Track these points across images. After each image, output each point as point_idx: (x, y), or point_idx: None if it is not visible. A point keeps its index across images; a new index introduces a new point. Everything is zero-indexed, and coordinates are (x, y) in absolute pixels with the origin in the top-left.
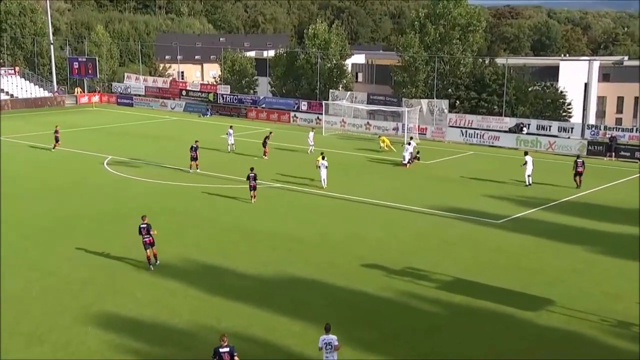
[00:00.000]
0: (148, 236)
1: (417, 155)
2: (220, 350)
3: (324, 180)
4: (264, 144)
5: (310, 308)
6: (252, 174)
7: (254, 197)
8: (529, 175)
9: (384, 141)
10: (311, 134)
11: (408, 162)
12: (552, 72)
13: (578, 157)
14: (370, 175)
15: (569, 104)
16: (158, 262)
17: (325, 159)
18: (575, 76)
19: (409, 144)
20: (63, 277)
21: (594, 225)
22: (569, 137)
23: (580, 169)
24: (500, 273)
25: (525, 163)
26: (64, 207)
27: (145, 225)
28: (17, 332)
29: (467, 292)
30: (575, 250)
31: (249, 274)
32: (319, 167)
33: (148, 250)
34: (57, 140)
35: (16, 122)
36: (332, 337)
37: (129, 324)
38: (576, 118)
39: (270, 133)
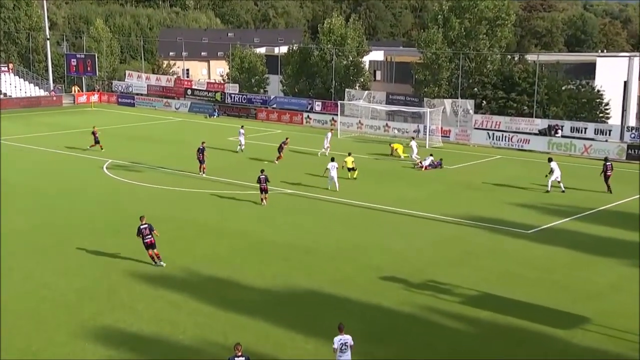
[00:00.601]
0: (150, 237)
1: (441, 162)
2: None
3: (335, 180)
4: (280, 149)
5: (324, 323)
6: (263, 176)
7: (265, 199)
8: (559, 181)
9: (392, 149)
10: (329, 134)
11: (429, 165)
12: (588, 70)
13: (606, 159)
14: (389, 181)
15: (607, 104)
16: (163, 262)
17: (335, 160)
18: (613, 74)
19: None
20: (59, 289)
21: (633, 236)
22: (606, 140)
23: (609, 173)
24: (530, 288)
25: (552, 171)
26: (61, 214)
27: (146, 226)
28: (9, 348)
29: (493, 308)
30: (612, 264)
31: (258, 286)
32: (327, 168)
33: (150, 251)
34: (97, 141)
35: (10, 122)
36: (347, 337)
37: (129, 339)
38: (614, 119)
39: (287, 139)
